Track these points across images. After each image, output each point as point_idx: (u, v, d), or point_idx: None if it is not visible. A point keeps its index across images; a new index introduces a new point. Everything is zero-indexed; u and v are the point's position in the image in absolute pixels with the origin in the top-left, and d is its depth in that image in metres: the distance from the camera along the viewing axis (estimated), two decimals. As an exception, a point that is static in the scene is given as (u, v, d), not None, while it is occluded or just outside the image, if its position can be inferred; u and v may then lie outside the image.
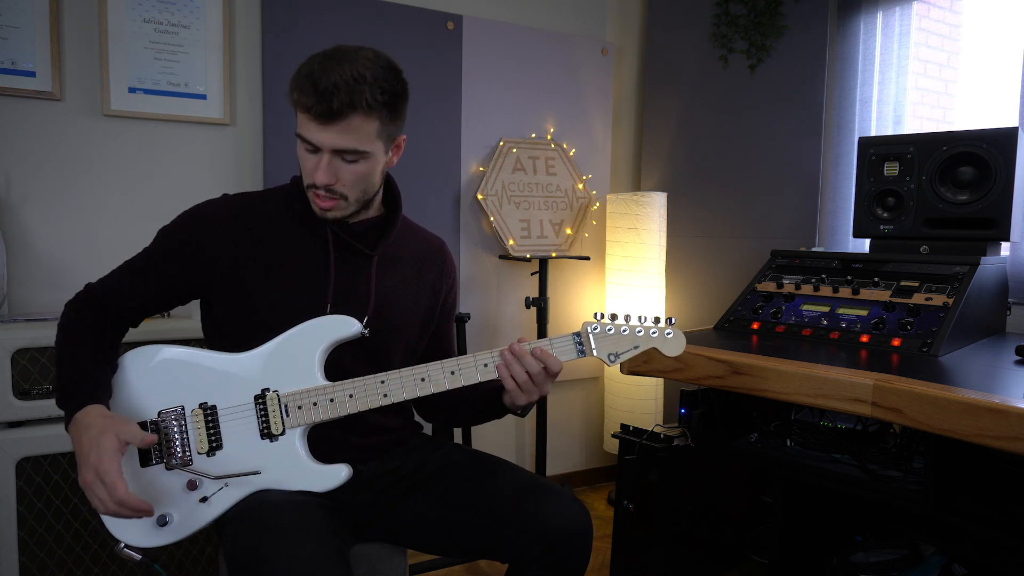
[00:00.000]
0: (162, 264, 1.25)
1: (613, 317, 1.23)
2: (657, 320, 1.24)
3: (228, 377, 1.19)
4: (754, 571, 2.06)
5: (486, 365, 1.20)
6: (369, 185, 1.25)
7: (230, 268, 1.22)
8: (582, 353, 1.22)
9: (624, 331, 1.22)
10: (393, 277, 1.32)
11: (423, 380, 1.19)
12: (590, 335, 1.22)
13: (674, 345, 1.23)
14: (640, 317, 1.24)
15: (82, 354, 1.19)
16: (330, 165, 1.18)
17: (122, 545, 1.18)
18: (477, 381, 1.20)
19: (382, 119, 1.19)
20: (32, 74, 2.04)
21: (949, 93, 2.43)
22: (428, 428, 2.20)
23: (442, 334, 1.45)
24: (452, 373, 1.20)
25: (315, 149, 1.17)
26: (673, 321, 1.24)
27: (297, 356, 1.19)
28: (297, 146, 1.21)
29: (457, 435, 2.51)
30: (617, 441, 1.90)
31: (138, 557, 1.20)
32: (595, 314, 1.25)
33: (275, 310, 1.21)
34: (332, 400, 1.18)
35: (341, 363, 1.23)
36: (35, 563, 1.73)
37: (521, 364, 1.19)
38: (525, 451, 2.95)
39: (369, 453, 1.30)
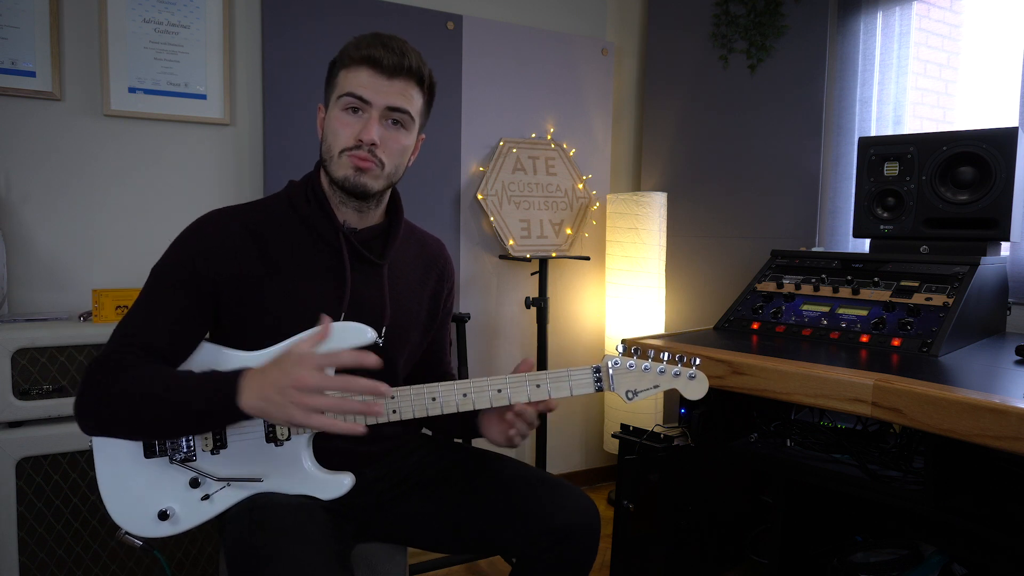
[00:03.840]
0: (184, 299, 1.14)
1: (636, 351, 1.20)
2: (681, 359, 1.20)
3: None
4: (754, 571, 2.06)
5: (499, 391, 1.18)
6: (400, 165, 1.25)
7: (243, 281, 1.17)
8: (600, 389, 1.19)
9: (646, 369, 1.19)
10: (399, 285, 1.31)
11: (434, 400, 1.17)
12: (610, 371, 1.19)
13: (696, 388, 1.20)
14: (664, 355, 1.21)
15: (166, 374, 1.09)
16: (378, 125, 1.18)
17: (123, 531, 1.18)
18: (488, 406, 1.18)
19: (424, 103, 1.25)
20: (32, 74, 2.04)
21: (949, 93, 2.43)
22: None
23: (438, 338, 1.44)
24: (464, 395, 1.17)
25: (360, 109, 1.17)
26: (698, 362, 1.20)
27: None
28: (331, 115, 1.20)
29: (457, 435, 2.51)
30: (617, 441, 1.90)
31: (139, 543, 1.20)
32: (617, 347, 1.22)
33: (290, 320, 1.17)
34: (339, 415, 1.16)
35: (349, 371, 1.22)
36: (35, 563, 1.73)
37: (524, 421, 1.20)
38: (525, 451, 2.95)
39: (372, 458, 1.30)
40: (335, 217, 1.24)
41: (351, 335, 1.17)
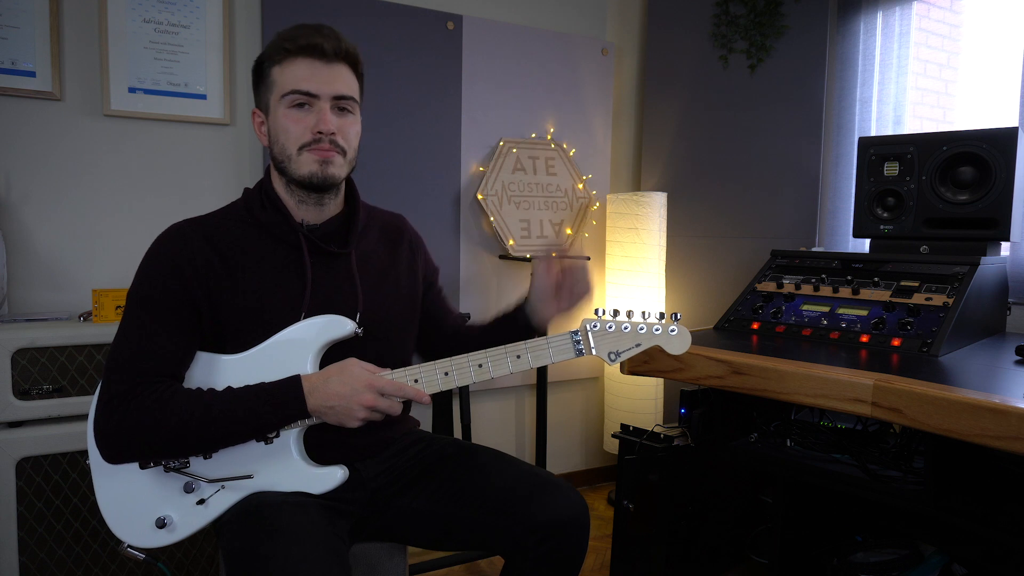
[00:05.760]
0: (170, 318, 1.14)
1: (615, 313, 1.19)
2: (661, 316, 1.18)
3: (219, 380, 1.17)
4: (754, 571, 2.06)
5: (480, 366, 1.18)
6: (355, 147, 1.26)
7: (212, 291, 1.17)
8: (580, 352, 1.18)
9: (626, 328, 1.17)
10: (371, 270, 1.30)
11: (416, 382, 1.18)
12: (589, 333, 1.18)
13: (679, 342, 1.18)
14: (644, 313, 1.19)
15: (219, 396, 1.13)
16: (330, 114, 1.18)
17: (125, 545, 1.19)
18: (471, 381, 1.19)
19: (359, 84, 1.26)
20: (32, 74, 2.04)
21: (949, 93, 2.43)
22: (427, 424, 2.20)
23: (437, 302, 1.45)
24: (446, 374, 1.18)
25: (309, 103, 1.18)
26: (678, 317, 1.19)
27: (289, 359, 1.17)
28: (278, 116, 1.19)
29: (457, 434, 2.51)
30: (617, 441, 1.90)
31: (141, 556, 1.20)
32: (596, 310, 1.21)
33: (259, 323, 1.18)
34: None
35: (342, 354, 1.21)
36: (35, 563, 1.73)
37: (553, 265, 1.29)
38: (525, 451, 2.95)
39: (366, 451, 1.30)
40: (292, 217, 1.24)
41: (329, 328, 1.17)
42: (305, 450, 1.20)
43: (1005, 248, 1.94)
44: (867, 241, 1.98)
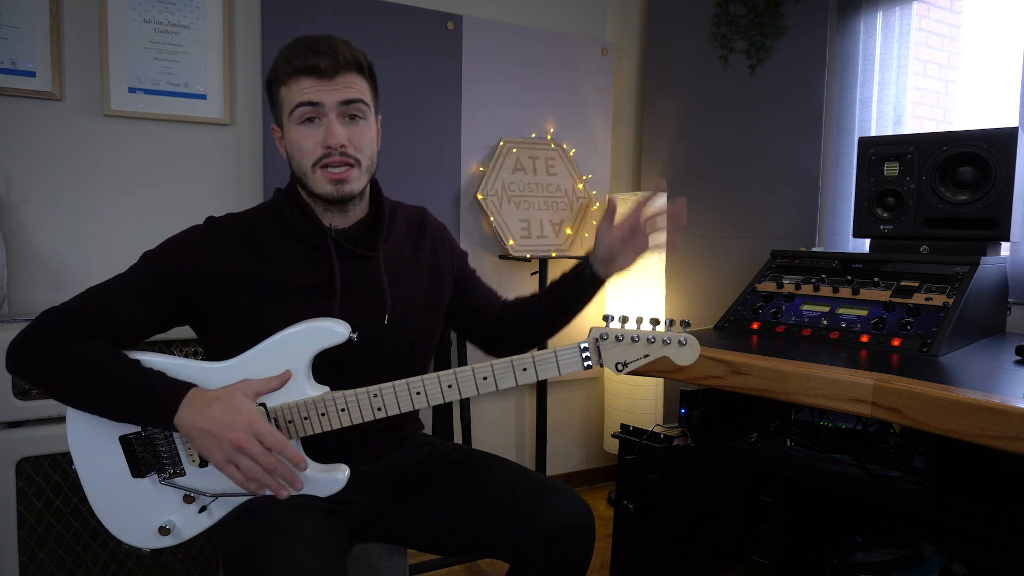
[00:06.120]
0: (163, 285, 1.16)
1: (624, 320, 1.17)
2: (671, 323, 1.16)
3: (209, 384, 1.13)
4: (754, 571, 2.06)
5: (485, 378, 1.15)
6: (374, 155, 1.25)
7: (236, 280, 1.17)
8: (588, 366, 1.16)
9: (635, 339, 1.15)
10: (395, 268, 1.30)
11: (418, 394, 1.16)
12: (598, 344, 1.16)
13: (688, 353, 1.15)
14: (652, 320, 1.17)
15: (119, 359, 1.11)
16: (339, 125, 1.18)
17: (126, 545, 1.18)
18: (475, 394, 1.16)
19: (371, 86, 1.25)
20: (32, 74, 2.04)
21: (949, 93, 2.43)
22: (429, 427, 2.20)
23: (471, 285, 1.45)
24: (449, 387, 1.16)
25: (317, 116, 1.17)
26: (689, 324, 1.17)
27: (284, 366, 1.14)
28: (290, 133, 1.20)
29: (457, 435, 2.51)
30: (617, 441, 1.90)
31: (147, 551, 1.20)
32: (604, 316, 1.18)
33: (284, 324, 1.16)
34: (324, 414, 1.15)
35: (360, 358, 1.21)
36: (35, 563, 1.73)
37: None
38: (525, 451, 2.95)
39: (370, 454, 1.30)
40: (320, 222, 1.24)
41: (321, 336, 1.15)
42: (306, 454, 1.19)
43: (1005, 248, 1.94)
44: (867, 241, 1.98)
